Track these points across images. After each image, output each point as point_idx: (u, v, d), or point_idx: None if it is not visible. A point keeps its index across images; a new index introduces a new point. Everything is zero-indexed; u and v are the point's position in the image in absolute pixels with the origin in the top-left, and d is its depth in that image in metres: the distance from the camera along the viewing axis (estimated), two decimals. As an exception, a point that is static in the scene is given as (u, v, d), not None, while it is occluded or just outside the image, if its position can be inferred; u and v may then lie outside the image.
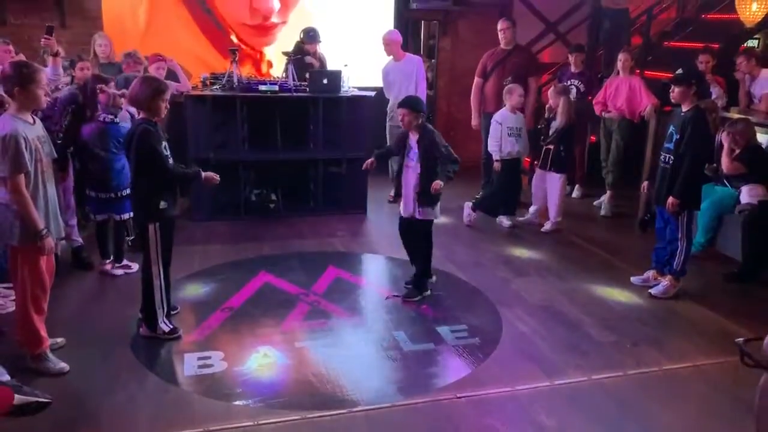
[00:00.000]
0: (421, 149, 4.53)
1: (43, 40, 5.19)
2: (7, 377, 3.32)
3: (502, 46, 6.88)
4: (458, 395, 3.51)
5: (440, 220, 6.58)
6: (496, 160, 6.25)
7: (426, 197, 4.54)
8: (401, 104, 4.65)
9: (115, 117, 4.78)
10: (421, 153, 4.53)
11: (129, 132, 3.91)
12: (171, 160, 3.93)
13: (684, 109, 4.64)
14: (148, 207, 3.86)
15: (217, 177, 4.11)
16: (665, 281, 4.86)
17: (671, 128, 4.72)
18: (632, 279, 5.10)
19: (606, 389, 3.61)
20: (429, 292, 4.77)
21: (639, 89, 6.66)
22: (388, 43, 6.83)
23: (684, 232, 4.73)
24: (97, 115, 4.74)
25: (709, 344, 4.15)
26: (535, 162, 6.74)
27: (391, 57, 6.90)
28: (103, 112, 4.74)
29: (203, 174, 4.06)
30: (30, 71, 3.33)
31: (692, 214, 4.80)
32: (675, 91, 4.61)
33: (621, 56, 6.85)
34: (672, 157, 4.65)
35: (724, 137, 5.28)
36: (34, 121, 3.45)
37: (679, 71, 4.71)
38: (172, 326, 4.02)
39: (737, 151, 5.40)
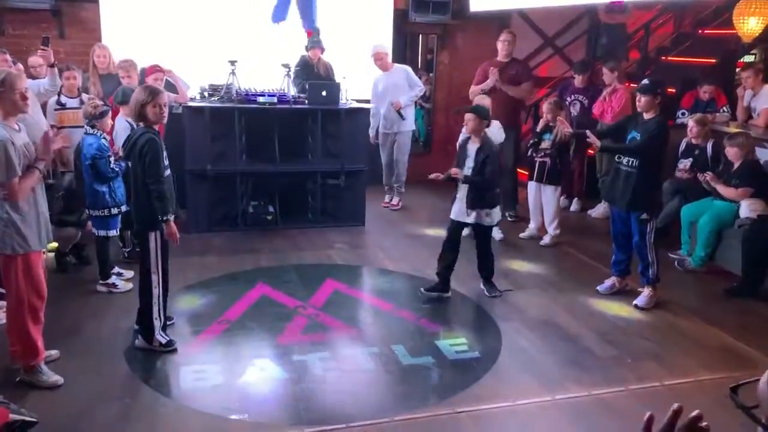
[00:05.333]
0: (478, 159, 4.69)
1: (39, 51, 5.20)
2: None
3: (499, 58, 6.89)
4: (458, 410, 3.47)
5: (437, 233, 6.60)
6: None
7: (477, 200, 4.69)
8: (468, 109, 4.83)
9: (87, 126, 4.71)
10: (477, 162, 4.68)
11: (130, 140, 3.88)
12: (168, 172, 3.91)
13: (649, 116, 4.74)
14: (150, 215, 3.81)
15: (176, 237, 3.83)
16: (646, 291, 4.88)
17: (633, 133, 4.79)
18: (598, 288, 5.13)
19: (607, 404, 3.57)
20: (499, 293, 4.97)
21: (614, 100, 6.84)
22: (379, 57, 7.05)
23: (651, 243, 4.80)
24: None
25: (710, 359, 4.12)
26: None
27: (381, 70, 7.09)
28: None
29: (171, 222, 3.79)
30: (2, 78, 3.30)
31: (653, 222, 4.84)
32: (642, 101, 4.72)
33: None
34: (638, 161, 4.71)
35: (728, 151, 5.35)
36: (19, 128, 3.44)
37: (645, 81, 4.87)
38: (168, 338, 3.97)
39: (736, 166, 5.42)
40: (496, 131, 6.19)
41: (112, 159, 4.66)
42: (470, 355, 4.07)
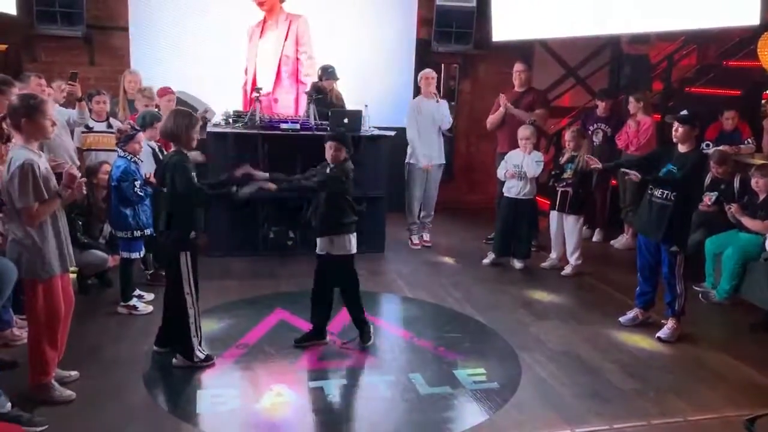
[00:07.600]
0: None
1: (67, 86, 5.38)
2: (8, 406, 3.28)
3: (515, 88, 6.92)
4: (476, 441, 3.42)
5: (458, 261, 6.57)
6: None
7: (322, 227, 4.36)
8: (329, 137, 4.41)
9: (119, 149, 4.79)
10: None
11: (161, 164, 3.96)
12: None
13: (685, 149, 4.71)
14: (181, 236, 3.90)
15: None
16: (670, 324, 4.81)
17: (670, 166, 4.73)
18: (620, 319, 5.07)
19: (629, 439, 3.50)
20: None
21: (639, 130, 6.83)
22: (431, 76, 6.90)
23: (680, 275, 4.75)
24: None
25: (735, 395, 4.02)
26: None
27: (422, 95, 6.91)
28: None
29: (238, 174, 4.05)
30: (36, 102, 3.35)
31: (683, 254, 4.80)
32: (680, 131, 4.68)
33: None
34: (674, 194, 4.66)
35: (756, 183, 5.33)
36: (40, 155, 3.49)
37: (684, 112, 4.82)
38: (206, 353, 4.05)
39: (761, 198, 5.34)
40: (534, 165, 6.19)
41: (137, 183, 4.73)
42: (489, 386, 4.01)
